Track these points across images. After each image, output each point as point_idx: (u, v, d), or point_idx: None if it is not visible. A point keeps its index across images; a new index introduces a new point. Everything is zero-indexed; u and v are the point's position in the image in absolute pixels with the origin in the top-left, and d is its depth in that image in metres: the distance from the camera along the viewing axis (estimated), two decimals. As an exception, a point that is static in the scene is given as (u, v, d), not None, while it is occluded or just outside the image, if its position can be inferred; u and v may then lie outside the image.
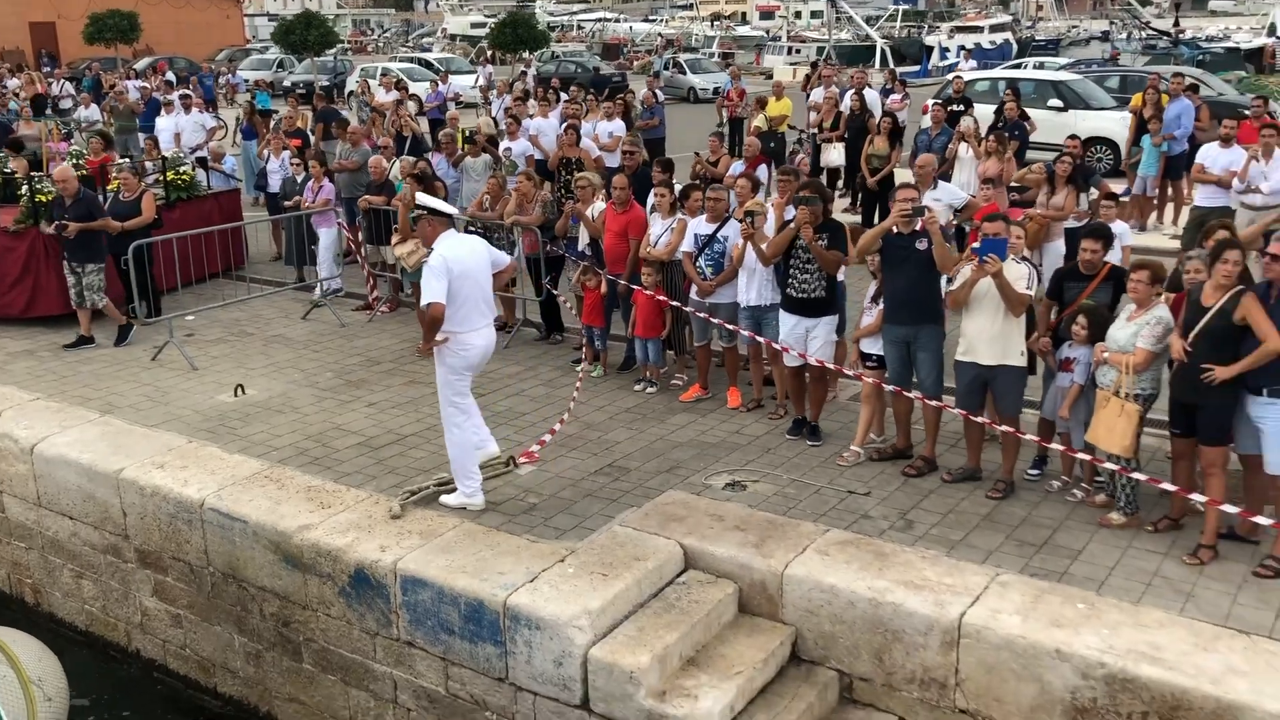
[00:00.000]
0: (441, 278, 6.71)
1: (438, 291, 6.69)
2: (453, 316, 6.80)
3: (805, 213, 7.50)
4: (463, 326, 6.87)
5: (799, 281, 7.76)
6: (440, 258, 6.78)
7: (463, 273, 6.80)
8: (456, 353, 6.91)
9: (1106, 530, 6.74)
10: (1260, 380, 6.08)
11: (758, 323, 8.34)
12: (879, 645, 6.08)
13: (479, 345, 7.00)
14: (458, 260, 6.82)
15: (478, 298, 6.94)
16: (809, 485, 7.47)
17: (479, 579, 6.36)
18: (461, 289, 6.80)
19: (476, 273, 6.93)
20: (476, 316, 6.94)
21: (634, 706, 5.80)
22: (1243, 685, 5.20)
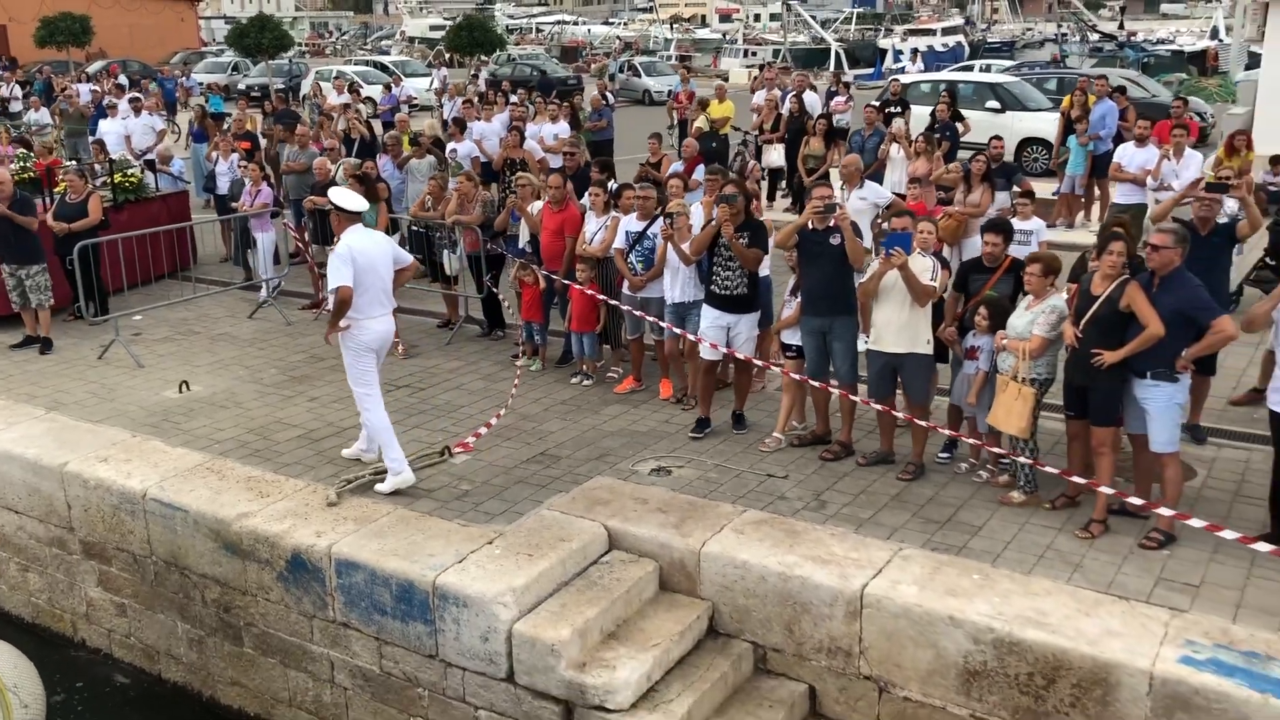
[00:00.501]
0: (347, 264, 7.25)
1: (345, 276, 7.21)
2: (355, 304, 7.32)
3: (725, 211, 7.83)
4: (363, 314, 7.42)
5: (721, 278, 8.08)
6: (346, 246, 7.34)
7: (366, 264, 7.34)
8: (357, 338, 7.42)
9: (1007, 508, 7.14)
10: (1144, 364, 6.49)
11: (682, 319, 8.66)
12: (789, 617, 6.43)
13: (379, 330, 7.53)
14: (362, 251, 7.38)
15: (378, 288, 7.47)
16: (731, 470, 7.81)
17: (410, 561, 6.64)
18: (363, 279, 7.33)
19: (379, 265, 7.46)
20: (376, 305, 7.48)
21: (555, 678, 6.11)
22: (1118, 645, 5.59)
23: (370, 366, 7.56)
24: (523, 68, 41.44)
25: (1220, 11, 53.41)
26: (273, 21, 36.78)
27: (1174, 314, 6.35)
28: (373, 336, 7.50)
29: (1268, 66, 16.99)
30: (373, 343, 7.50)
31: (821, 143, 14.18)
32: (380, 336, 7.58)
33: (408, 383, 9.83)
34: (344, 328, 7.39)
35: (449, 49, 46.10)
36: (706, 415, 8.45)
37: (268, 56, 36.95)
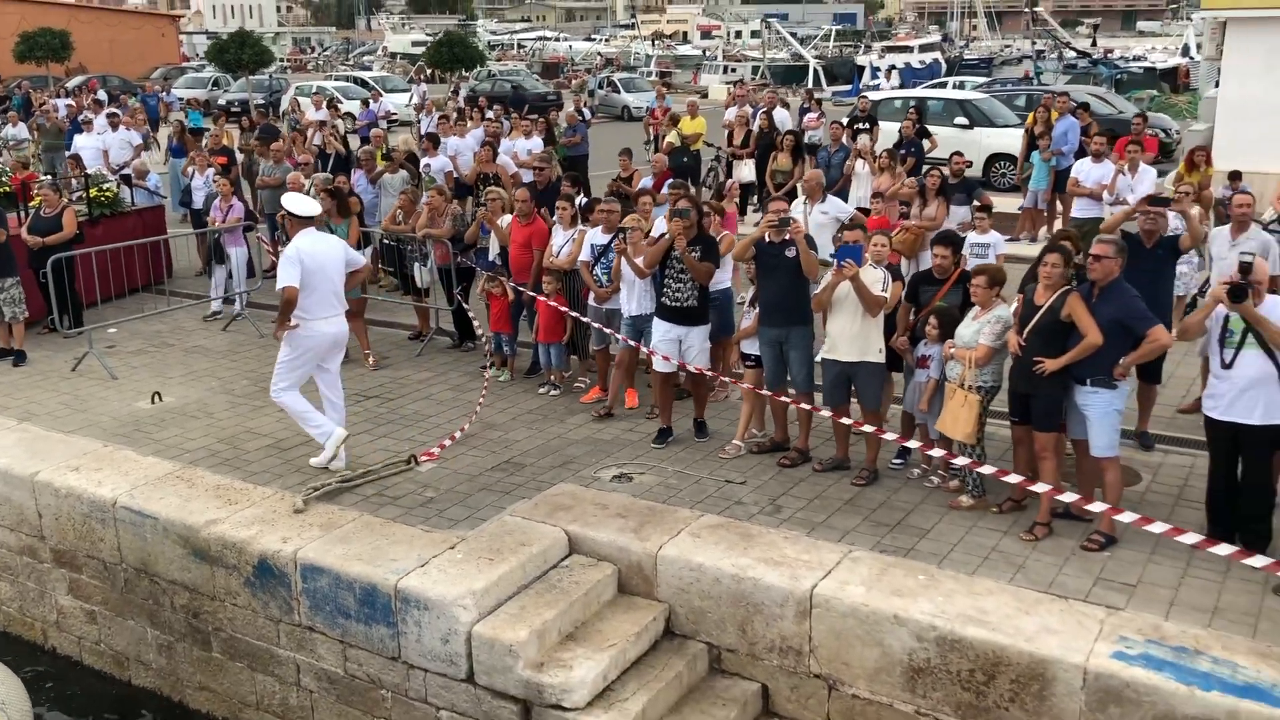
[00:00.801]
0: (294, 265, 7.60)
1: (291, 277, 7.54)
2: (303, 304, 7.60)
3: (678, 225, 8.05)
4: (311, 314, 7.76)
5: (673, 291, 8.29)
6: (294, 249, 7.66)
7: (315, 266, 7.63)
8: (305, 337, 7.70)
9: (956, 511, 7.36)
10: (1084, 371, 6.72)
11: (640, 331, 8.86)
12: (742, 618, 6.62)
13: (328, 333, 7.83)
14: (310, 254, 7.72)
15: (327, 290, 7.75)
16: (691, 476, 8.01)
17: (373, 565, 6.81)
18: (311, 280, 7.62)
19: (328, 268, 7.74)
20: (325, 307, 7.76)
21: (514, 677, 6.28)
22: (1054, 641, 5.80)
23: (305, 367, 7.92)
24: (503, 83, 41.70)
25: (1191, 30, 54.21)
26: (253, 37, 37.01)
27: (1112, 323, 6.60)
28: (320, 339, 7.78)
29: (1226, 85, 17.35)
30: (321, 345, 7.79)
31: (789, 158, 14.46)
32: (331, 339, 7.87)
33: (377, 393, 10.00)
34: (293, 326, 7.69)
35: (430, 64, 46.45)
36: (668, 424, 8.64)
37: (248, 72, 37.11)
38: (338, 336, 7.98)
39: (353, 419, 9.30)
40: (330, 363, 8.17)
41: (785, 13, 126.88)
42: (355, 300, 10.77)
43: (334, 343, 7.94)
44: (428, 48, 46.15)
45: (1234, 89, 16.97)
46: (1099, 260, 6.65)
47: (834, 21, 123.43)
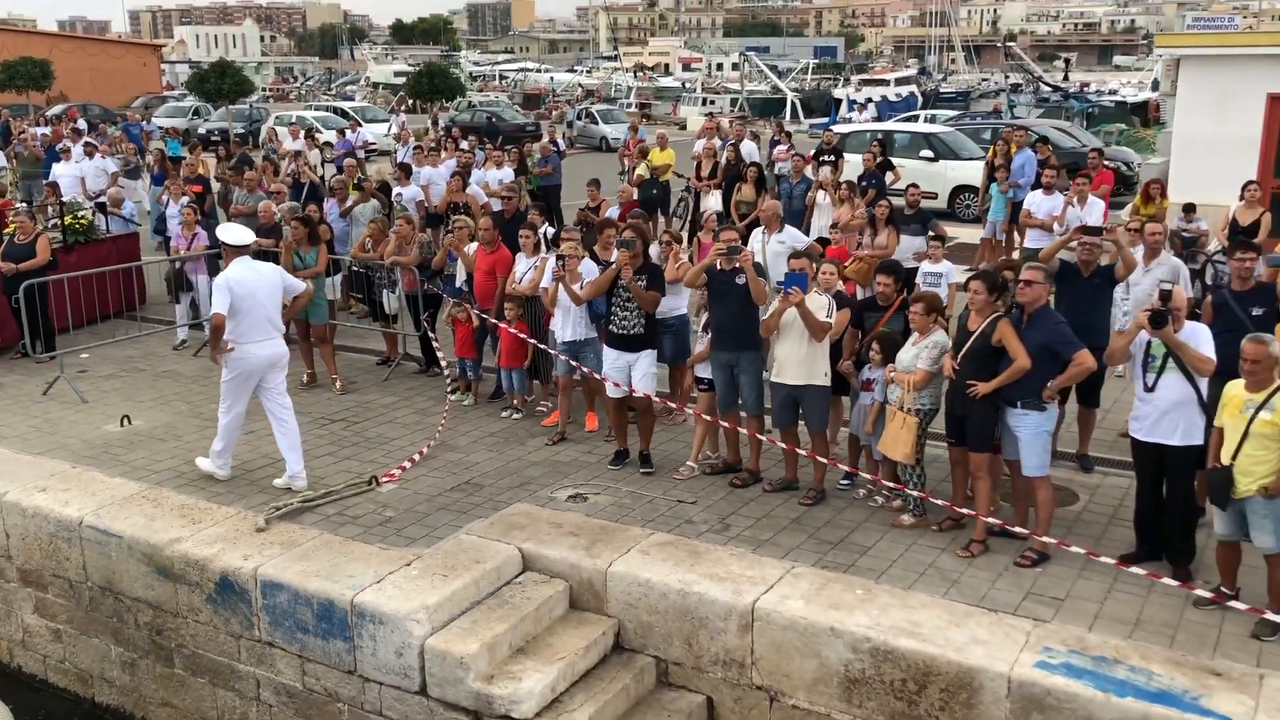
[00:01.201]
0: (224, 294, 8.06)
1: (220, 305, 8.00)
2: (236, 329, 8.04)
3: (624, 255, 8.33)
4: (245, 338, 8.18)
5: (619, 319, 8.54)
6: (224, 278, 8.19)
7: (245, 293, 8.05)
8: (240, 360, 8.14)
9: (898, 530, 7.62)
10: (1014, 394, 7.02)
11: (576, 355, 9.13)
12: (688, 631, 6.85)
13: (262, 355, 8.24)
14: (240, 282, 8.15)
15: (260, 315, 8.16)
16: (644, 496, 8.26)
17: (331, 581, 7.01)
18: (243, 306, 8.03)
19: (260, 294, 8.15)
20: (258, 331, 8.18)
21: (464, 689, 6.49)
22: (981, 652, 6.05)
23: (243, 387, 8.34)
24: (482, 114, 42.10)
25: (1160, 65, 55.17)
26: (233, 67, 37.34)
27: (1040, 348, 6.90)
28: (255, 361, 8.20)
29: (1180, 120, 17.83)
30: (255, 366, 8.23)
31: (753, 189, 14.80)
32: (265, 361, 8.27)
33: (343, 417, 10.22)
34: (229, 349, 8.09)
35: (411, 95, 46.87)
36: (624, 447, 8.88)
37: (228, 101, 37.40)
38: (272, 358, 8.37)
39: (317, 441, 9.56)
40: (271, 382, 8.48)
41: (767, 45, 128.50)
42: (322, 327, 11.06)
43: (269, 364, 8.34)
44: (408, 78, 46.56)
45: (1188, 124, 17.44)
46: (1028, 286, 6.97)
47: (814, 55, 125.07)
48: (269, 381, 8.45)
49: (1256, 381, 6.12)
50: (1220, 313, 7.54)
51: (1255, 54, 16.95)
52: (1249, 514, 6.18)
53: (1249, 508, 6.17)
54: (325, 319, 11.09)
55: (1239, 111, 16.66)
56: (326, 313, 11.16)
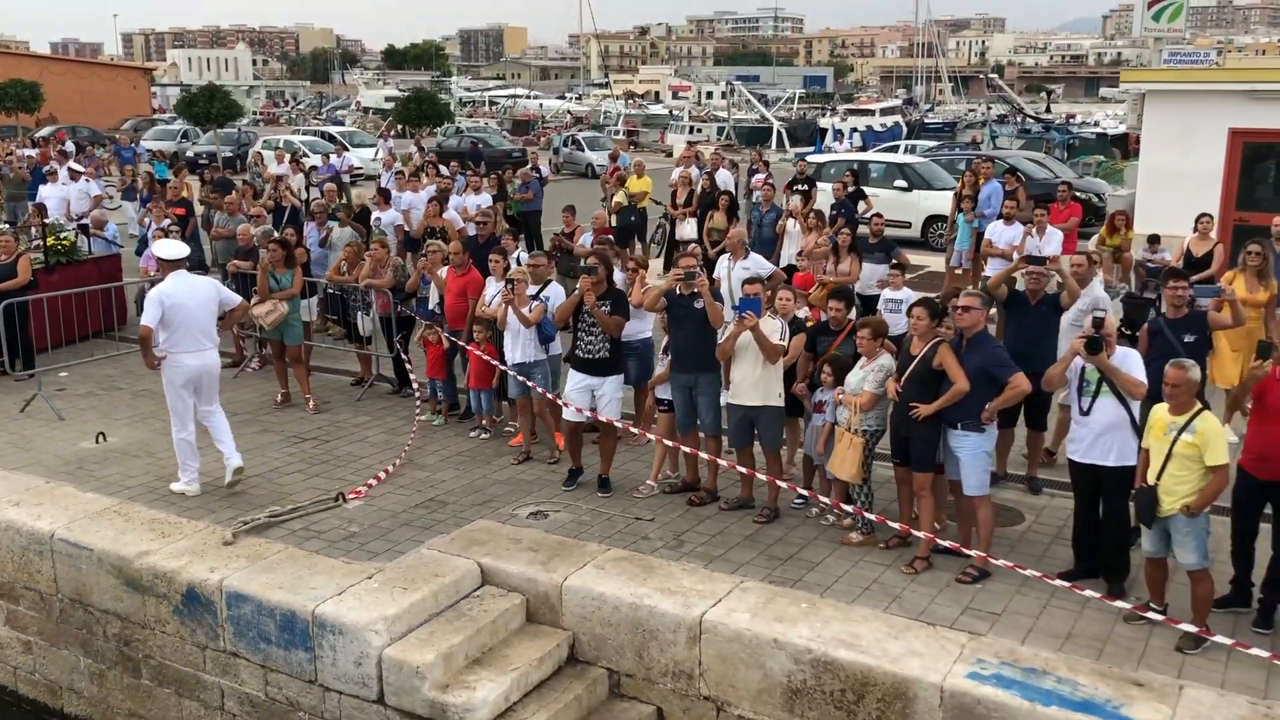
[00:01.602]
0: (155, 306, 8.52)
1: (150, 318, 8.48)
2: (168, 339, 8.50)
3: (586, 281, 8.60)
4: (177, 349, 8.64)
5: (584, 343, 8.79)
6: (157, 291, 8.64)
7: (176, 305, 8.48)
8: (173, 369, 8.61)
9: (846, 547, 7.88)
10: (955, 416, 7.30)
11: (527, 376, 9.39)
12: (639, 643, 7.07)
13: (193, 365, 8.80)
14: (171, 295, 8.60)
15: (192, 327, 8.60)
16: (603, 514, 8.50)
17: (294, 593, 7.22)
18: (175, 318, 8.48)
19: (193, 307, 8.60)
20: (189, 342, 8.62)
21: (420, 698, 6.69)
22: (916, 663, 6.29)
23: (185, 400, 8.74)
24: (469, 140, 42.47)
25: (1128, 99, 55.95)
26: (221, 91, 37.70)
27: (978, 371, 7.19)
28: (187, 370, 8.67)
29: (1146, 154, 18.24)
30: (188, 376, 8.68)
31: (724, 217, 15.11)
32: (195, 370, 8.74)
33: (315, 436, 10.44)
34: (161, 358, 8.57)
35: (399, 120, 47.31)
36: (578, 467, 9.09)
37: (216, 125, 37.73)
38: (203, 368, 8.82)
39: (288, 459, 9.79)
40: (205, 398, 8.94)
41: (757, 74, 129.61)
42: (296, 347, 11.31)
43: (201, 373, 8.79)
44: (397, 104, 46.97)
45: (1153, 157, 17.86)
46: (966, 311, 7.26)
47: (804, 84, 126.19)
48: (202, 391, 8.92)
49: (1178, 405, 6.40)
50: (1155, 339, 7.85)
51: (1218, 90, 17.40)
52: (1173, 531, 6.46)
53: (1173, 525, 6.44)
54: (300, 340, 11.33)
55: (1202, 145, 17.08)
56: (301, 334, 11.40)
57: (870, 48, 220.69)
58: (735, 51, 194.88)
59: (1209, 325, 7.82)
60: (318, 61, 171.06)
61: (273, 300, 11.00)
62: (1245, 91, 16.96)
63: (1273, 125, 16.64)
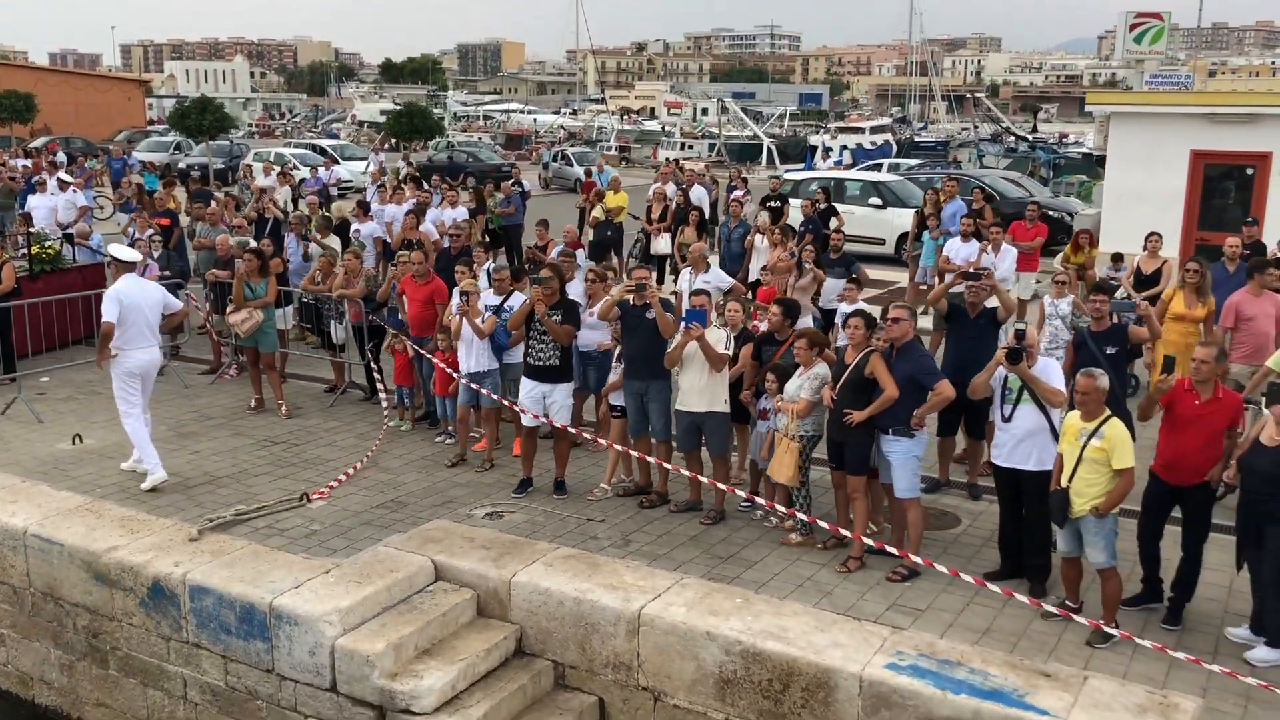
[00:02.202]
0: (114, 304, 9.22)
1: (110, 314, 9.21)
2: (121, 336, 9.14)
3: (538, 292, 8.96)
4: (128, 345, 9.34)
5: (536, 351, 9.14)
6: (114, 291, 9.35)
7: (130, 305, 9.19)
8: (123, 363, 9.20)
9: (786, 547, 8.23)
10: (885, 422, 7.66)
11: (480, 383, 9.74)
12: (582, 636, 7.41)
13: (143, 359, 9.50)
14: (127, 294, 9.34)
15: (142, 325, 9.42)
16: (557, 515, 8.84)
17: (253, 586, 7.55)
18: (128, 317, 9.16)
19: (143, 307, 9.31)
20: (140, 339, 9.43)
21: (370, 685, 7.03)
22: (839, 654, 6.63)
23: (134, 389, 9.46)
24: (461, 154, 42.93)
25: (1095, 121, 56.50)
26: (214, 103, 38.10)
27: (907, 379, 7.56)
28: (136, 364, 9.44)
29: (1111, 174, 18.72)
30: (136, 369, 9.43)
31: (694, 232, 15.52)
32: (143, 364, 9.41)
33: (285, 440, 10.78)
34: (113, 355, 9.13)
35: (390, 134, 47.76)
36: (529, 476, 9.40)
37: (208, 137, 38.13)
38: (150, 363, 9.60)
39: (257, 461, 10.14)
40: (146, 388, 9.64)
41: (753, 91, 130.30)
42: (270, 354, 11.67)
43: (149, 367, 9.59)
44: (389, 117, 47.41)
45: (1117, 178, 18.32)
46: (895, 323, 7.64)
47: (800, 102, 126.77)
48: (144, 383, 9.51)
49: (1088, 411, 6.77)
50: (1079, 351, 8.23)
51: (1180, 113, 17.89)
52: (1083, 532, 6.82)
53: (1084, 526, 6.81)
54: (274, 347, 11.68)
55: (1165, 166, 17.58)
56: (275, 341, 11.76)
57: (866, 66, 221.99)
58: (731, 68, 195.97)
59: (1130, 338, 8.19)
60: (315, 75, 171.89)
61: (248, 308, 11.35)
62: (1206, 115, 17.44)
63: (1232, 147, 17.14)
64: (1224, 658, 6.65)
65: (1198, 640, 6.90)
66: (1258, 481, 6.52)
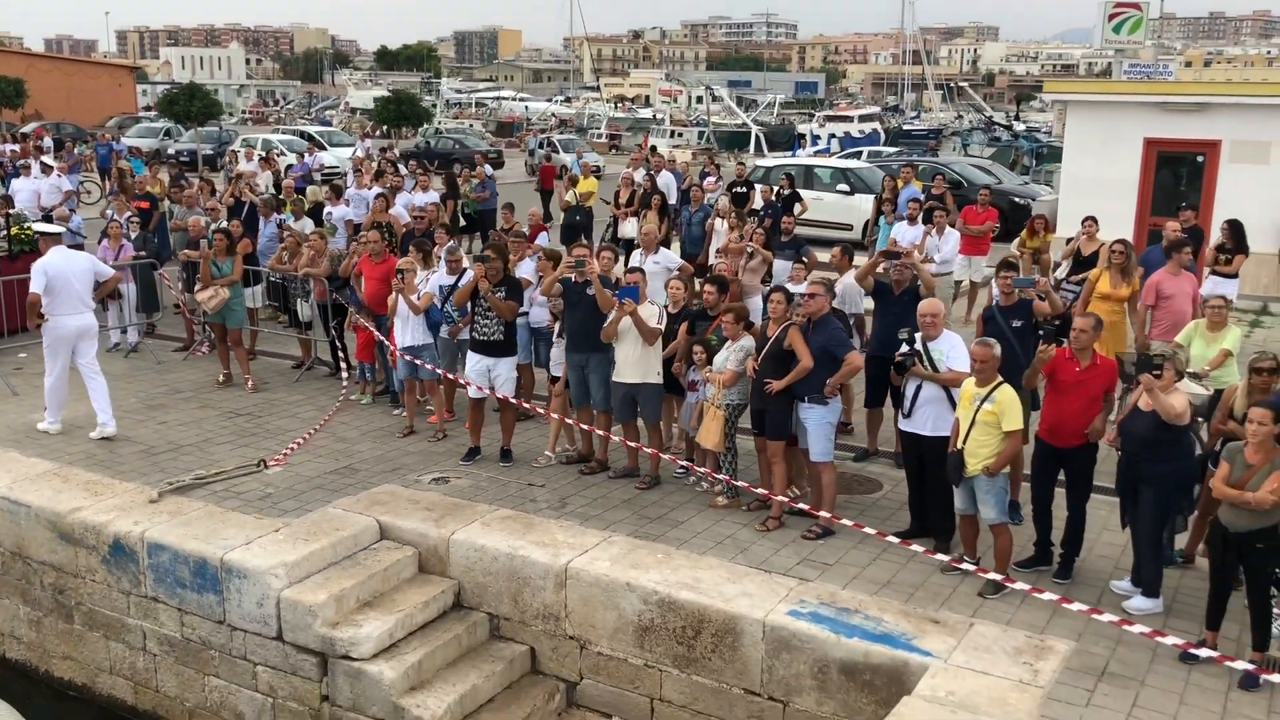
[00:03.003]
0: (40, 276, 9.95)
1: (37, 285, 9.97)
2: (51, 304, 9.80)
3: (481, 269, 9.44)
4: (57, 312, 10.04)
5: (481, 326, 9.62)
6: (41, 263, 10.07)
7: (57, 274, 9.86)
8: (54, 329, 9.92)
9: (713, 509, 8.73)
10: (802, 390, 8.15)
11: (416, 357, 10.22)
12: (515, 590, 7.91)
13: (72, 325, 10.24)
14: (53, 265, 10.08)
15: (71, 294, 10.13)
16: (501, 481, 9.34)
17: (206, 543, 8.04)
18: (56, 285, 9.83)
19: (71, 277, 10.00)
20: (68, 306, 10.13)
21: (313, 633, 7.52)
22: (746, 603, 7.12)
23: (59, 352, 10.24)
24: (446, 140, 43.34)
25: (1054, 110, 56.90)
26: (201, 90, 38.49)
27: (821, 351, 8.04)
28: (65, 329, 10.20)
29: (1067, 162, 19.18)
30: (66, 334, 10.19)
31: (656, 216, 15.99)
32: (74, 330, 10.28)
33: (249, 412, 11.27)
34: (44, 319, 9.86)
35: (378, 121, 48.14)
36: (477, 445, 9.88)
37: (197, 123, 38.52)
38: (81, 329, 10.25)
39: (220, 431, 10.63)
40: (83, 350, 10.32)
41: (749, 80, 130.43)
42: (237, 330, 12.14)
43: (79, 334, 10.24)
44: (378, 104, 47.76)
45: (1074, 164, 18.78)
46: (811, 298, 8.12)
47: (796, 90, 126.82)
48: (81, 350, 10.16)
49: (983, 378, 7.26)
50: (988, 324, 8.71)
51: (1133, 101, 18.35)
52: (977, 490, 7.32)
53: (976, 485, 7.30)
54: (240, 323, 12.16)
55: (1119, 154, 18.03)
56: (243, 318, 12.24)
57: (863, 54, 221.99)
58: (728, 56, 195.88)
59: (1034, 313, 8.68)
60: (310, 61, 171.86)
61: (214, 286, 11.82)
62: (1158, 104, 17.90)
63: (1183, 135, 17.60)
64: (1107, 608, 7.14)
65: (1084, 592, 7.39)
66: (1134, 444, 7.02)
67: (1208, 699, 6.19)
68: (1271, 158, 16.93)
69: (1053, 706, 6.10)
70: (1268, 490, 6.08)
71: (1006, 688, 6.22)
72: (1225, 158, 17.23)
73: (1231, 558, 6.34)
